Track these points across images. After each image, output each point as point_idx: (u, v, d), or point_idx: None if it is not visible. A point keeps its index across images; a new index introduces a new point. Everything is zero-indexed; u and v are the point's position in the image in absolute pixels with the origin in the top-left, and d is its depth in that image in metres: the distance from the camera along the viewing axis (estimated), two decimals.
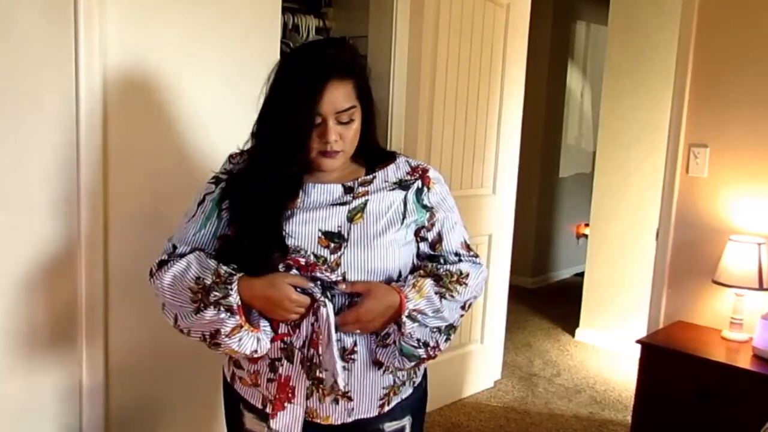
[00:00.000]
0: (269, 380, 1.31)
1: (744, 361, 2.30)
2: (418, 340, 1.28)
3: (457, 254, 1.38)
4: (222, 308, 1.21)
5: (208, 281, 1.23)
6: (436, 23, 2.86)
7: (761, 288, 2.37)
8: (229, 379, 1.41)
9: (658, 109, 3.72)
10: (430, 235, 1.37)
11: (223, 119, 2.05)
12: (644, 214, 3.89)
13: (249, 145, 1.35)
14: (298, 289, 1.22)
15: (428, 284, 1.29)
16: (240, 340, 1.23)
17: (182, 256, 1.30)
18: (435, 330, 1.31)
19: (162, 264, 1.31)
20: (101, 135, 1.81)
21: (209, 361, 1.93)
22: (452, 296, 1.31)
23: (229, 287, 1.21)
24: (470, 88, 3.09)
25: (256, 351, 1.25)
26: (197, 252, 1.30)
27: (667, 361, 2.42)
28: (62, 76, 1.73)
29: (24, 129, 1.68)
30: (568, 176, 5.69)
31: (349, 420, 1.32)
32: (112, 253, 1.88)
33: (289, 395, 1.28)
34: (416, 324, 1.27)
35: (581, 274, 4.51)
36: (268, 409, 1.30)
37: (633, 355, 2.98)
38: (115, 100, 1.83)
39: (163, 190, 1.97)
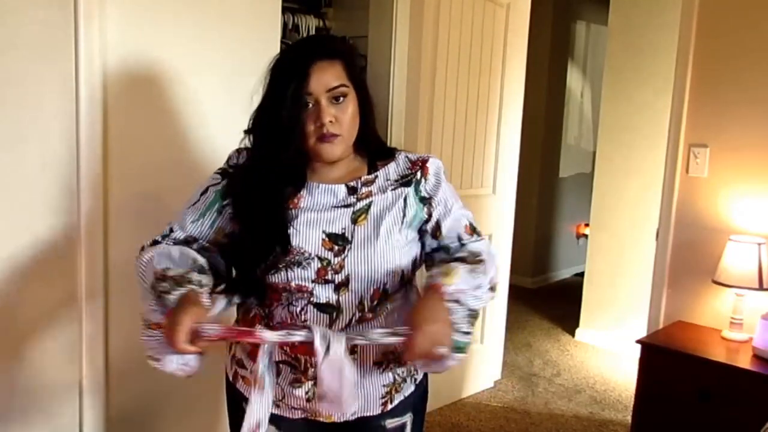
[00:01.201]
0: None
1: (744, 361, 2.30)
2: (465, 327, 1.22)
3: (459, 238, 1.35)
4: (160, 302, 1.20)
5: (169, 273, 1.21)
6: (436, 23, 2.86)
7: (761, 288, 2.37)
8: (231, 379, 1.41)
9: (658, 109, 3.71)
10: (430, 226, 1.35)
11: (222, 119, 2.05)
12: (644, 214, 3.89)
13: (242, 146, 1.35)
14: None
15: (455, 265, 1.25)
16: (150, 336, 1.21)
17: (176, 241, 1.31)
18: (470, 315, 1.24)
19: (154, 243, 1.32)
20: (101, 133, 1.81)
21: (210, 360, 1.93)
22: (481, 272, 1.27)
23: (177, 289, 1.19)
24: (470, 88, 3.09)
25: (154, 360, 1.21)
26: (186, 248, 1.28)
27: (667, 361, 2.42)
28: (62, 76, 1.73)
29: (24, 127, 1.68)
30: (568, 176, 5.69)
31: (352, 418, 1.32)
32: (113, 250, 1.88)
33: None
34: (461, 307, 1.20)
35: (581, 274, 4.51)
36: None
37: (633, 355, 2.98)
38: (115, 99, 1.83)
39: (163, 188, 1.97)
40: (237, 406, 1.40)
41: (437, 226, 1.35)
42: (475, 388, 3.40)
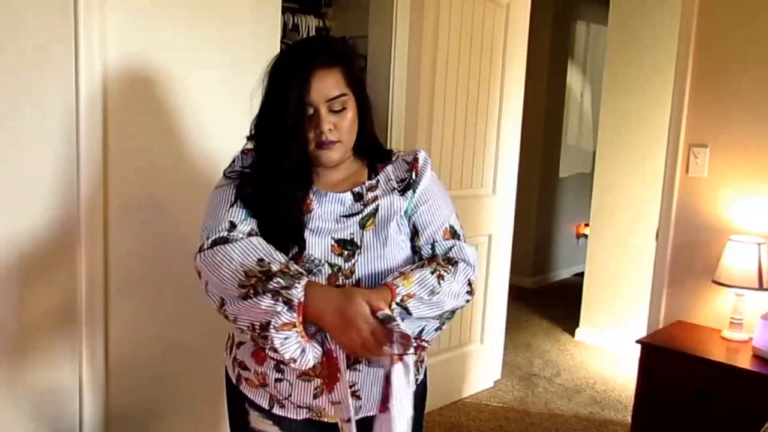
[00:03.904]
0: (277, 380, 1.31)
1: (744, 361, 2.29)
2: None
3: (434, 241, 1.33)
4: (280, 299, 1.12)
5: (275, 267, 1.15)
6: (436, 23, 2.86)
7: (761, 288, 2.37)
8: (234, 381, 1.41)
9: (658, 109, 3.72)
10: (415, 220, 1.35)
11: (222, 119, 2.05)
12: (644, 214, 3.89)
13: (248, 147, 1.36)
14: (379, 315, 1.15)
15: (416, 267, 1.25)
16: (286, 339, 1.13)
17: (249, 233, 1.24)
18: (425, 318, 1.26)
19: (220, 241, 1.22)
20: (101, 133, 1.81)
21: (210, 360, 1.93)
22: (447, 274, 1.26)
23: (297, 281, 1.13)
24: (470, 88, 3.09)
25: (295, 360, 1.15)
26: (261, 239, 1.23)
27: (667, 361, 2.42)
28: (63, 76, 1.73)
29: (24, 127, 1.68)
30: (568, 176, 5.69)
31: (356, 418, 1.32)
32: (112, 250, 1.88)
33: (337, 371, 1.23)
34: (409, 314, 1.22)
35: (581, 274, 4.51)
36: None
37: (633, 355, 2.98)
38: (115, 99, 1.83)
39: (163, 188, 1.97)
40: (239, 406, 1.40)
41: (415, 230, 1.34)
42: (475, 388, 3.40)
